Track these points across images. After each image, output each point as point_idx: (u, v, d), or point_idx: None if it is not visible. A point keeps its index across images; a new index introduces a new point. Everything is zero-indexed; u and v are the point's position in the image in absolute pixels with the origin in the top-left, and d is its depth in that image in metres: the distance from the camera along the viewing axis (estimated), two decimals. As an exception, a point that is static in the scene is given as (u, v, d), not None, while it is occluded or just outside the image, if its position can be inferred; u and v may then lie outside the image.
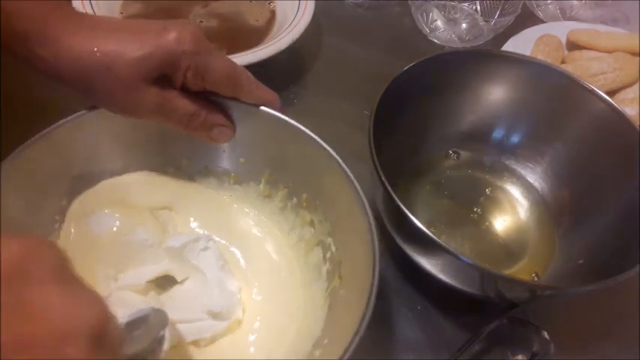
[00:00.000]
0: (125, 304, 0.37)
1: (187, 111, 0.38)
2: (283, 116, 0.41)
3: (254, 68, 0.56)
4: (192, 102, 0.38)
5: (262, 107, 0.41)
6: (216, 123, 0.40)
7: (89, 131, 0.41)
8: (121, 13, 0.65)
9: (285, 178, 0.44)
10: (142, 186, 0.45)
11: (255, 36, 0.65)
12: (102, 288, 0.39)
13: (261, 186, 0.46)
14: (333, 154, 0.39)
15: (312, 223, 0.43)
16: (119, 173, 0.44)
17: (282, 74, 0.65)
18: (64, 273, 0.20)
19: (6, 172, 0.36)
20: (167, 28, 0.35)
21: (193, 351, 0.39)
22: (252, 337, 0.40)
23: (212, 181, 0.47)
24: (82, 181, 0.43)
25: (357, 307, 0.33)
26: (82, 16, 0.37)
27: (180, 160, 0.46)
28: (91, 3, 0.59)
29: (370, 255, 0.35)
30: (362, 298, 0.33)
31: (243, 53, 0.57)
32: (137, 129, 0.41)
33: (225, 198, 0.47)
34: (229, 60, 0.38)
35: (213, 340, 0.39)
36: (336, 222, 0.41)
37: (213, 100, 0.40)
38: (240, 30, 0.66)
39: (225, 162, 0.46)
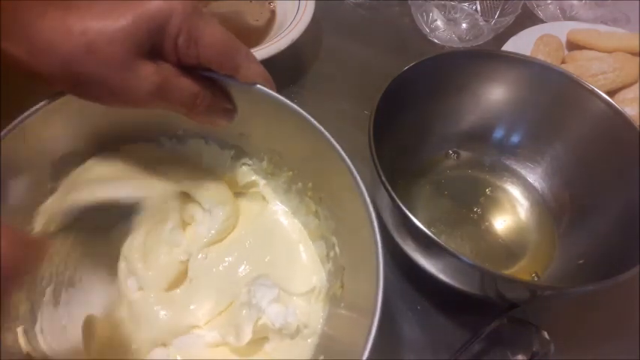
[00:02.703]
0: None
1: (191, 91, 0.33)
2: (295, 106, 0.36)
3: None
4: (195, 81, 0.33)
5: (265, 88, 0.36)
6: (221, 107, 0.36)
7: (63, 117, 0.36)
8: (121, 13, 0.65)
9: (290, 162, 0.41)
10: (137, 160, 0.41)
11: (255, 36, 0.65)
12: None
13: (264, 163, 0.43)
14: (347, 159, 0.35)
15: (316, 214, 0.41)
16: (104, 148, 0.40)
17: (282, 74, 0.65)
18: None
19: None
20: None
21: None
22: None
23: (208, 155, 0.43)
24: (66, 161, 0.39)
25: (358, 334, 0.30)
26: None
27: (176, 131, 0.42)
28: (91, 3, 0.59)
29: (374, 280, 0.32)
30: (364, 326, 0.30)
31: (243, 53, 0.57)
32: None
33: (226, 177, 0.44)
34: (224, 29, 0.33)
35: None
36: (342, 226, 0.39)
37: (212, 79, 0.35)
38: (240, 30, 0.66)
39: (223, 134, 0.42)
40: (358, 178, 0.34)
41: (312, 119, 0.36)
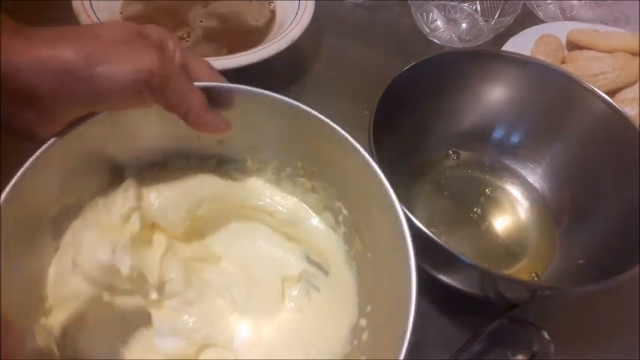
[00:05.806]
0: None
1: (193, 92, 0.34)
2: (261, 90, 0.37)
3: (254, 68, 0.56)
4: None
5: (242, 85, 0.37)
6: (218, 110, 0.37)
7: (54, 167, 0.34)
8: (121, 13, 0.65)
9: (273, 151, 0.42)
10: (125, 195, 0.39)
11: (255, 36, 0.65)
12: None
13: (249, 162, 0.43)
14: (320, 116, 0.37)
15: (313, 189, 0.42)
16: (100, 192, 0.39)
17: (282, 74, 0.65)
18: None
19: None
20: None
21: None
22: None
23: (194, 168, 0.42)
24: (64, 216, 0.37)
25: (397, 270, 0.31)
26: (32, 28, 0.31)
27: (156, 156, 0.41)
28: (91, 3, 0.59)
29: (393, 213, 0.32)
30: (399, 260, 0.31)
31: (243, 53, 0.57)
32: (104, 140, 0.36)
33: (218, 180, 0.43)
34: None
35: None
36: (342, 185, 0.39)
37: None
38: (240, 30, 0.66)
39: (202, 146, 0.41)
40: (338, 128, 0.36)
41: (284, 98, 0.37)
